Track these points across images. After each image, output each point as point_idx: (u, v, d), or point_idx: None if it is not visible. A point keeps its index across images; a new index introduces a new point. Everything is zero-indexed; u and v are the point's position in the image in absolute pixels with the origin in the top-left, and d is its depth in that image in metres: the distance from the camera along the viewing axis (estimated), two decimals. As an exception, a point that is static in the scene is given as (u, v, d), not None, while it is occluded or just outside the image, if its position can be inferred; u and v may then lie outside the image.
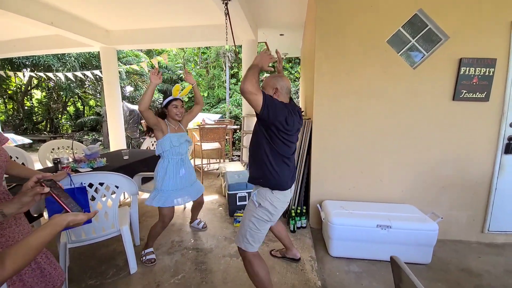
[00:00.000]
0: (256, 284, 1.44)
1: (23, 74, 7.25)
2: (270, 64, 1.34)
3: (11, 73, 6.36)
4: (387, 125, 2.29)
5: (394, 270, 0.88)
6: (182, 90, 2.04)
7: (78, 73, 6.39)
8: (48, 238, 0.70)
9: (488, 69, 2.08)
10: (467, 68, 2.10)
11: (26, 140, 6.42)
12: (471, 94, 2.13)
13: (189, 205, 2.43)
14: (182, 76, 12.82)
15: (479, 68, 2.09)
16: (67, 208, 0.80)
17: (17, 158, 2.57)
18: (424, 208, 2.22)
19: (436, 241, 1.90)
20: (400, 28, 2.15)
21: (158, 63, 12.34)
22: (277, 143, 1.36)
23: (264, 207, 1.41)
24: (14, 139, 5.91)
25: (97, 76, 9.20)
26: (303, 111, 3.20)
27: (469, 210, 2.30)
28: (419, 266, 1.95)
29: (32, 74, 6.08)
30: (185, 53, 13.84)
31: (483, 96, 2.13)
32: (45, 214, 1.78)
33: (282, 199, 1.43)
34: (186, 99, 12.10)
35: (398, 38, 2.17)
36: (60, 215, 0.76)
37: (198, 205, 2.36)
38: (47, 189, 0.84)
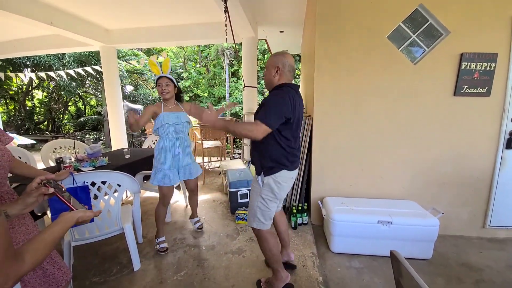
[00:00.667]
0: (270, 258, 1.53)
1: (24, 75, 7.29)
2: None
3: (12, 75, 6.39)
4: (387, 122, 2.29)
5: (394, 265, 0.89)
6: (160, 65, 1.93)
7: (79, 70, 6.42)
8: (60, 234, 0.74)
9: (489, 63, 2.07)
10: (468, 63, 2.09)
11: (29, 141, 6.46)
12: (472, 89, 2.12)
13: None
14: (182, 75, 12.81)
15: (480, 63, 2.08)
16: (72, 208, 0.83)
17: (20, 158, 2.58)
18: (424, 204, 2.22)
19: (437, 236, 1.90)
20: (400, 24, 2.14)
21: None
22: (280, 134, 1.38)
23: (268, 185, 1.42)
24: (17, 138, 5.96)
25: (98, 76, 9.22)
26: (304, 107, 3.21)
27: (470, 205, 2.30)
28: (420, 261, 1.96)
29: (32, 75, 6.10)
30: (185, 52, 13.83)
31: (485, 91, 2.11)
32: (49, 213, 1.80)
33: (285, 174, 1.44)
34: (186, 99, 12.08)
35: (399, 33, 2.15)
36: (69, 212, 0.80)
37: (191, 193, 2.29)
38: (51, 190, 0.86)
